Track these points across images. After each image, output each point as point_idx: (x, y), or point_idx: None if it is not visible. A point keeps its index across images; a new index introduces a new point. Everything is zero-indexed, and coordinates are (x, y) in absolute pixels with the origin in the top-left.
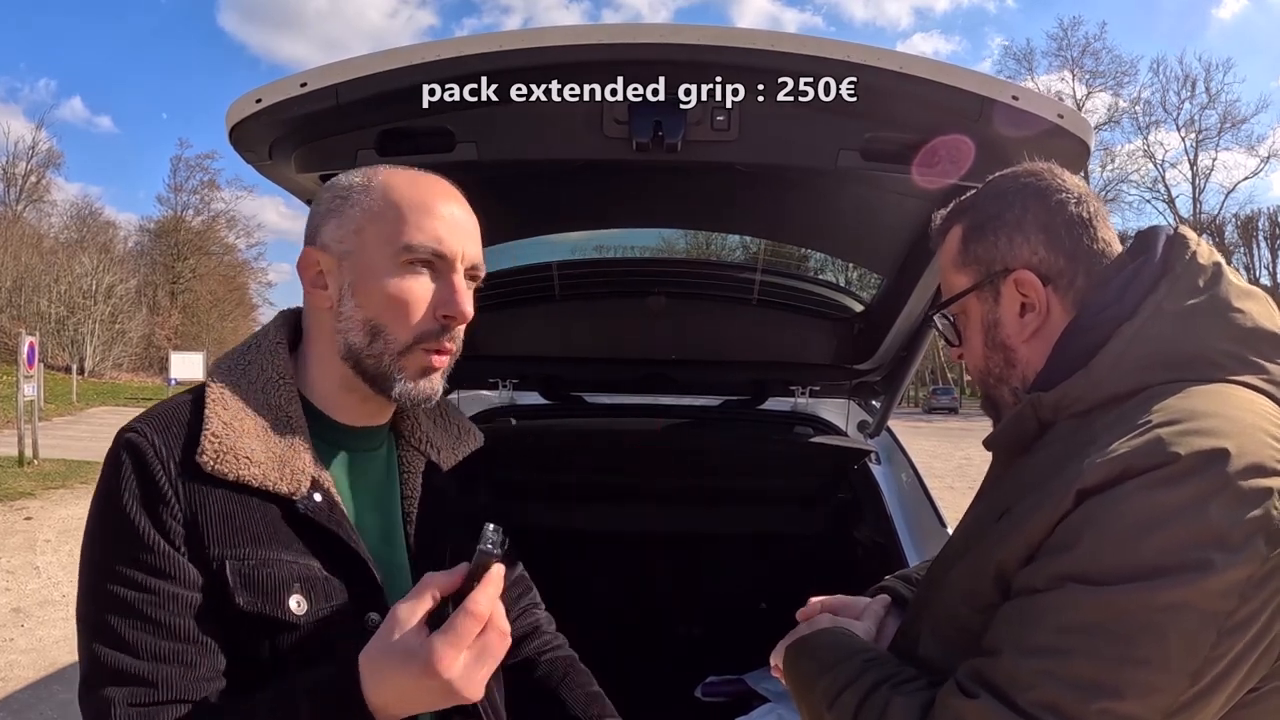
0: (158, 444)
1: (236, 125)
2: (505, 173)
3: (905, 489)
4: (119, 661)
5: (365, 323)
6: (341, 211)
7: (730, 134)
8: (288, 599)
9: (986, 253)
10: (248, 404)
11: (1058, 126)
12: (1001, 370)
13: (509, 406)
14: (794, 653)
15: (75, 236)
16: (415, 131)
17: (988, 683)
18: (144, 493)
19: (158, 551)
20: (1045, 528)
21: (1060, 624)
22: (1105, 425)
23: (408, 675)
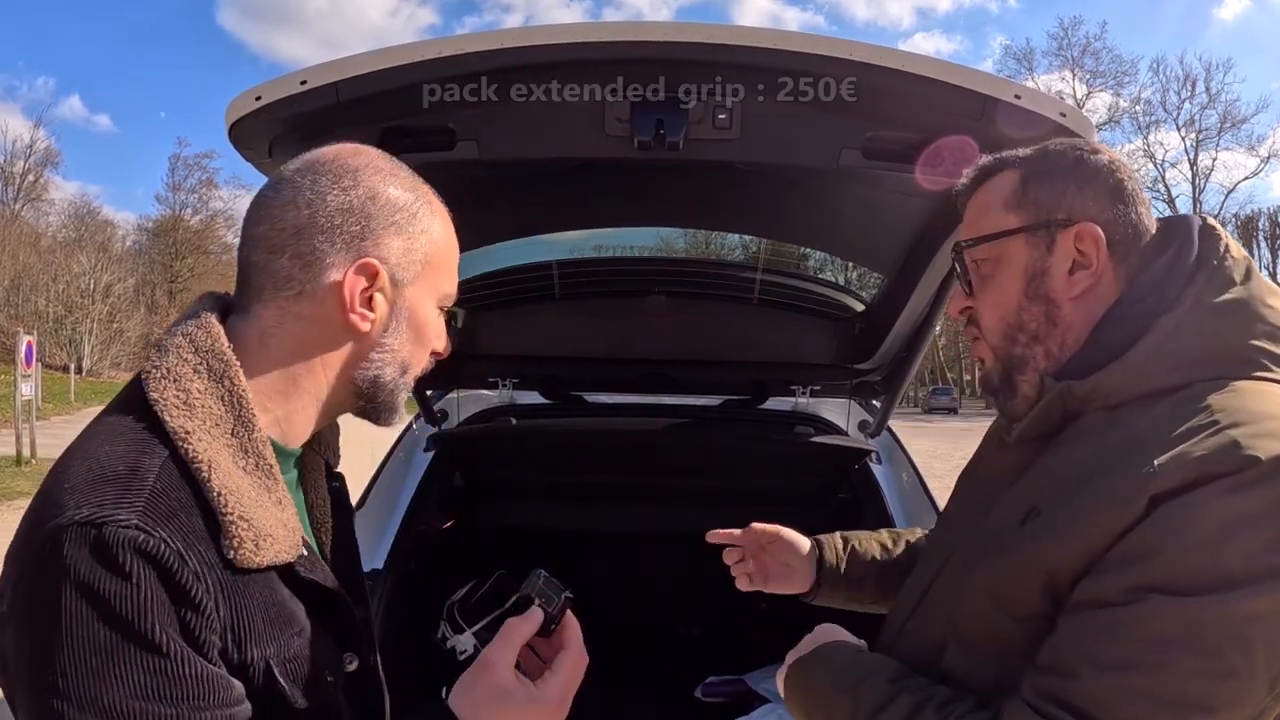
0: (177, 546)
1: (236, 123)
2: (506, 171)
3: (906, 489)
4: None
5: (403, 361)
6: (410, 231)
7: (732, 133)
8: (327, 679)
9: (1051, 198)
10: (232, 461)
11: (1060, 125)
12: (1039, 327)
13: (509, 406)
14: (801, 669)
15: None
16: (416, 129)
17: (1066, 704)
18: (178, 610)
19: (200, 677)
20: (1108, 535)
21: (1143, 638)
22: (1153, 422)
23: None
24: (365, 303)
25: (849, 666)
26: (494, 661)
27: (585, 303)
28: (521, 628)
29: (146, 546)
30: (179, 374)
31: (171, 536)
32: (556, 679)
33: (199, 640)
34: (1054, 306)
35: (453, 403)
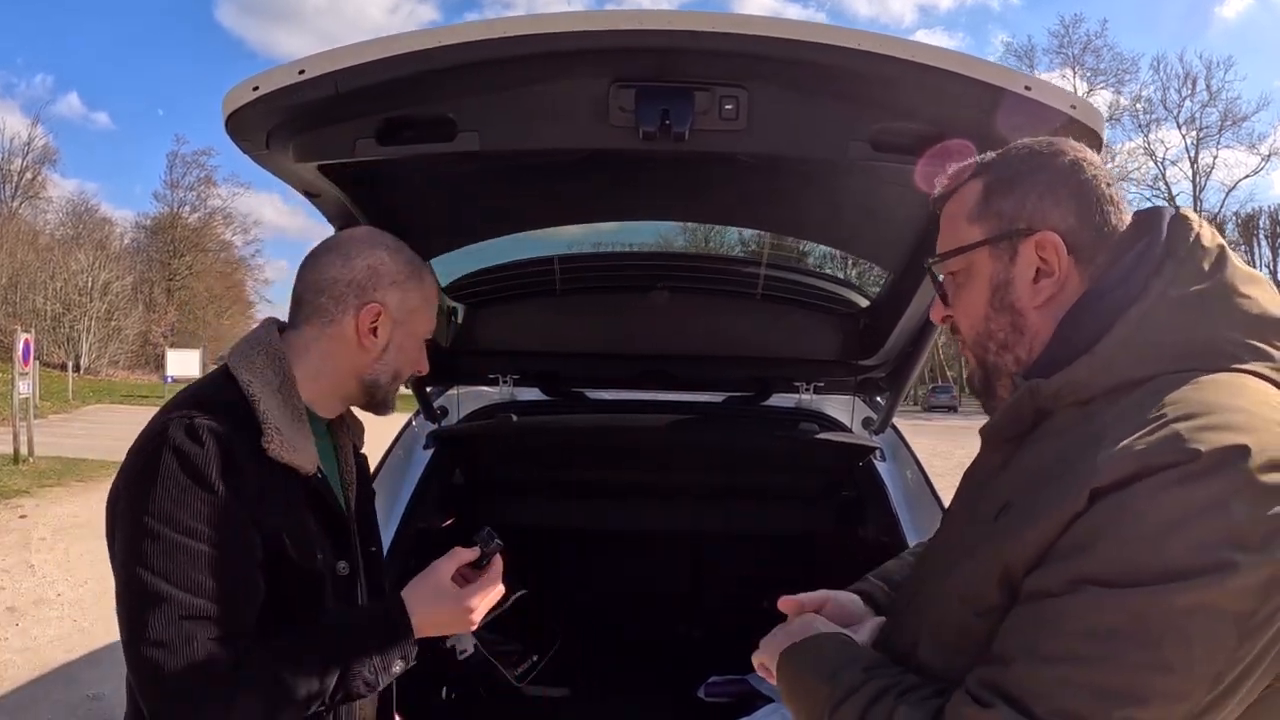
0: (233, 435)
1: (233, 113)
2: (508, 163)
3: (910, 486)
4: (193, 603)
5: (394, 370)
6: (406, 290)
7: (738, 124)
8: (316, 553)
9: (1012, 208)
10: (281, 407)
11: (1070, 118)
12: (1006, 335)
13: (509, 403)
14: (790, 657)
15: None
16: (416, 120)
17: (1003, 692)
18: (227, 468)
19: (232, 514)
20: (1057, 527)
21: (1078, 629)
22: (1113, 417)
23: (448, 612)
24: (371, 332)
25: (832, 655)
26: (436, 569)
27: (587, 298)
28: (462, 553)
29: (216, 430)
30: (250, 356)
31: (231, 429)
32: (471, 589)
33: (237, 490)
34: (1019, 315)
35: (453, 399)
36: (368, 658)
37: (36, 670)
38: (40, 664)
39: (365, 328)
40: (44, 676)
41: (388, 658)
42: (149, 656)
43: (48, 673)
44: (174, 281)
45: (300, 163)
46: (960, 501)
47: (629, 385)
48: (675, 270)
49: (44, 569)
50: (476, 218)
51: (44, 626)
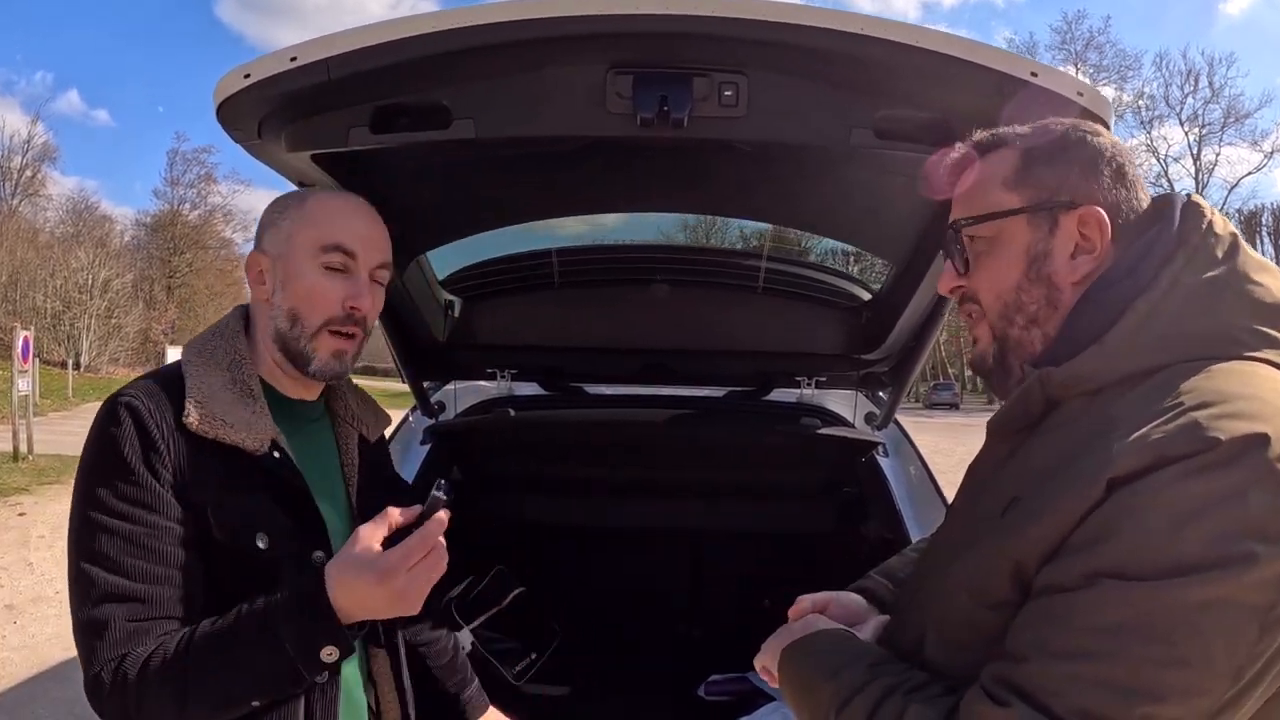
0: (149, 406)
1: (225, 101)
2: (506, 154)
3: (914, 483)
4: (115, 584)
5: (289, 311)
6: (278, 224)
7: (738, 110)
8: (255, 536)
9: (1055, 179)
10: (220, 380)
11: (1078, 105)
12: (1038, 309)
13: (507, 397)
14: (792, 655)
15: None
16: (410, 108)
17: (1019, 689)
18: (142, 443)
19: (151, 490)
20: (1071, 520)
21: (1094, 624)
22: (1126, 407)
23: (364, 583)
24: (262, 281)
25: (836, 653)
26: (357, 534)
27: (585, 291)
28: (394, 513)
29: (130, 403)
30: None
31: (149, 401)
32: (393, 551)
33: (154, 467)
34: (1055, 290)
35: (450, 394)
36: (286, 643)
37: (34, 668)
38: (38, 662)
39: (254, 280)
40: (42, 674)
41: (309, 643)
42: (78, 640)
43: (45, 670)
44: (174, 279)
45: (293, 152)
46: (965, 496)
47: (628, 380)
48: (675, 263)
49: (43, 567)
50: (474, 209)
51: (42, 624)
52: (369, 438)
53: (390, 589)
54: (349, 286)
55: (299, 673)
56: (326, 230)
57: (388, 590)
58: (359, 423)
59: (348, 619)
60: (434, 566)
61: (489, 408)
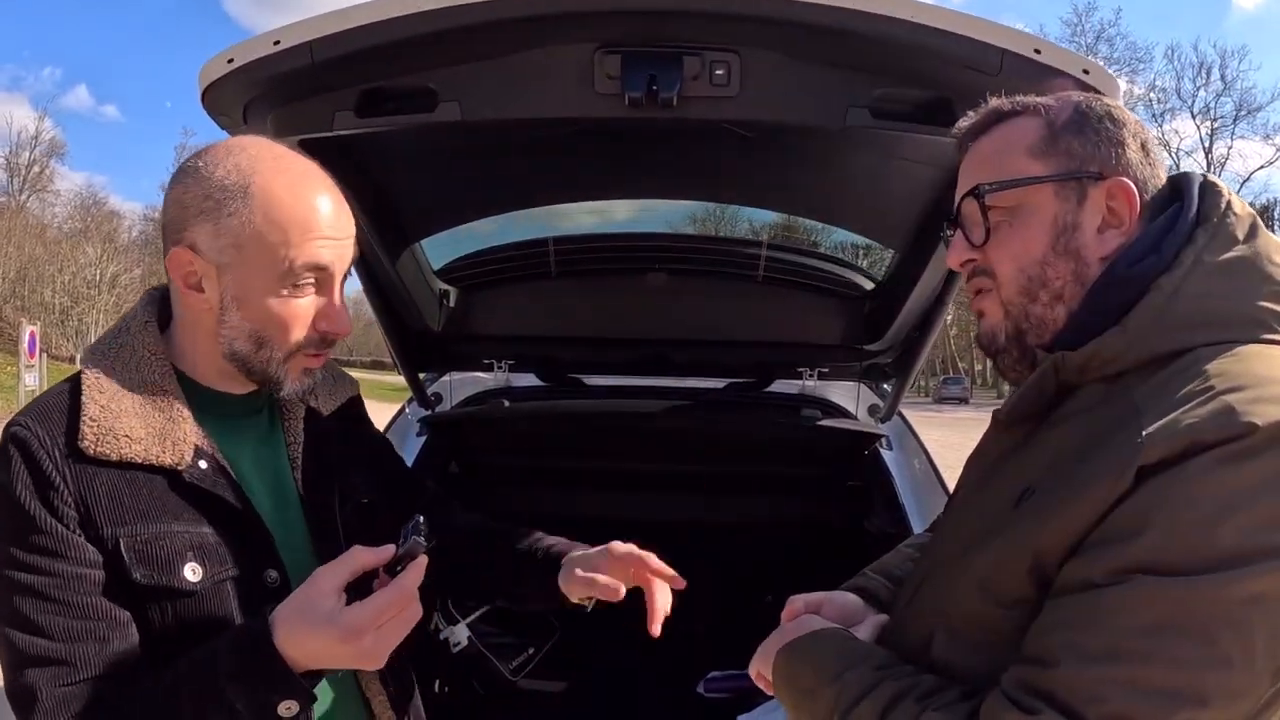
0: (40, 434)
1: (209, 87)
2: (492, 136)
3: (919, 476)
4: (35, 646)
5: (251, 334)
6: (216, 218)
7: (730, 89)
8: (182, 568)
9: (1084, 149)
10: (123, 384)
11: (1082, 83)
12: (1064, 285)
13: (504, 388)
14: (788, 657)
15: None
16: (396, 91)
17: (1047, 695)
18: (34, 481)
19: (55, 535)
20: (1097, 512)
21: (1129, 624)
22: (1150, 391)
23: (322, 638)
24: (194, 287)
25: (836, 655)
26: (315, 577)
27: (583, 281)
28: (362, 555)
29: (17, 435)
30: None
31: (38, 428)
32: (362, 608)
33: (54, 508)
34: (1084, 265)
35: (446, 385)
36: (228, 699)
37: None
38: None
39: (184, 284)
40: None
41: (255, 697)
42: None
43: None
44: None
45: (280, 138)
46: (969, 487)
47: (627, 370)
48: (674, 252)
49: None
50: (467, 197)
51: None
52: (320, 409)
53: (355, 648)
54: (322, 305)
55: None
56: (293, 246)
57: (351, 649)
58: (307, 395)
59: (303, 669)
60: (407, 622)
61: (486, 399)
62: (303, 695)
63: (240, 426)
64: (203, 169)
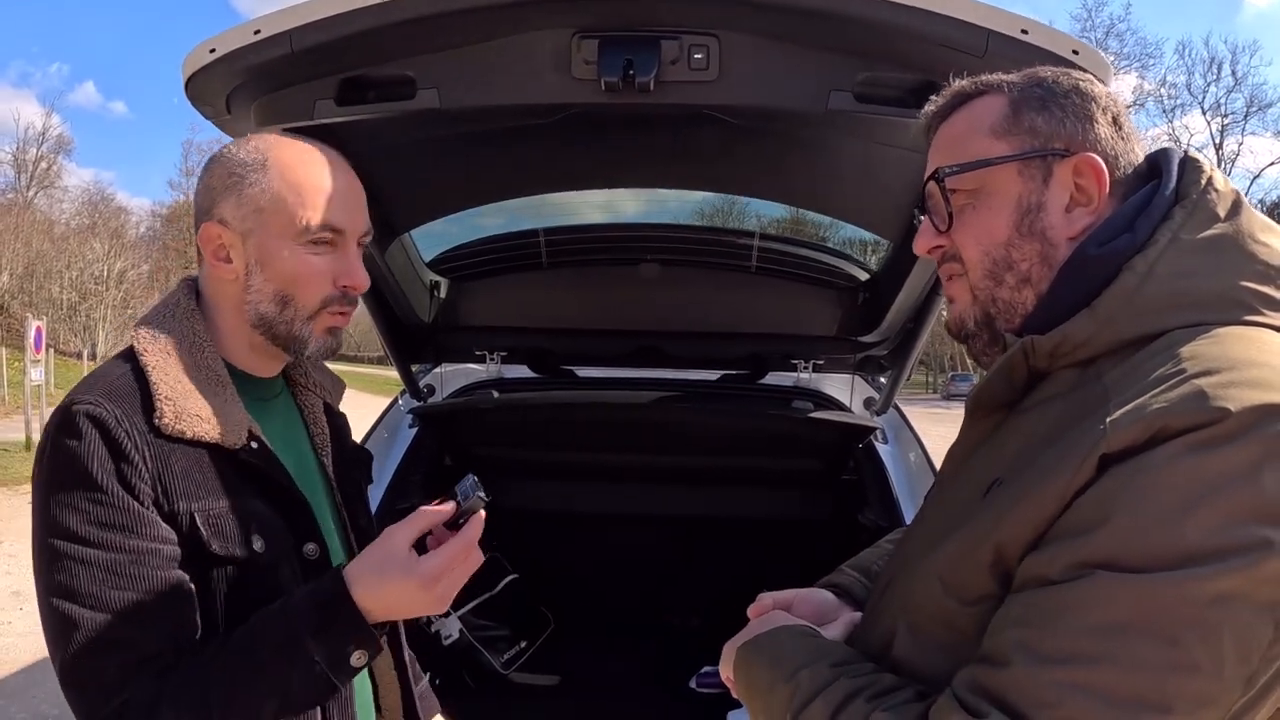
0: (115, 411)
1: (192, 77)
2: (481, 128)
3: (914, 470)
4: (102, 623)
5: (275, 294)
6: (239, 190)
7: (709, 73)
8: (251, 539)
9: (1048, 125)
10: (184, 367)
11: (1072, 64)
12: (1030, 267)
13: (496, 380)
14: (746, 655)
15: (87, 222)
16: (375, 80)
17: (997, 698)
18: (111, 457)
19: (130, 511)
20: (1058, 502)
21: (1087, 624)
22: (1121, 375)
23: (402, 586)
24: (224, 259)
25: (794, 652)
26: (390, 534)
27: (574, 272)
28: (429, 514)
29: (91, 412)
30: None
31: (112, 406)
32: (435, 558)
33: (130, 484)
34: (1050, 246)
35: (438, 377)
36: (308, 652)
37: (39, 654)
38: (43, 648)
39: (213, 257)
40: (45, 661)
41: (334, 648)
42: (69, 695)
43: (47, 658)
44: (190, 269)
45: (263, 127)
46: (943, 480)
47: (619, 362)
48: (666, 243)
49: None
50: (454, 187)
51: None
52: (333, 404)
53: (432, 594)
54: (339, 263)
55: (331, 684)
56: (309, 209)
57: (430, 595)
58: (321, 389)
59: (374, 621)
60: (470, 569)
61: (477, 390)
62: (374, 645)
63: (267, 409)
64: (227, 154)
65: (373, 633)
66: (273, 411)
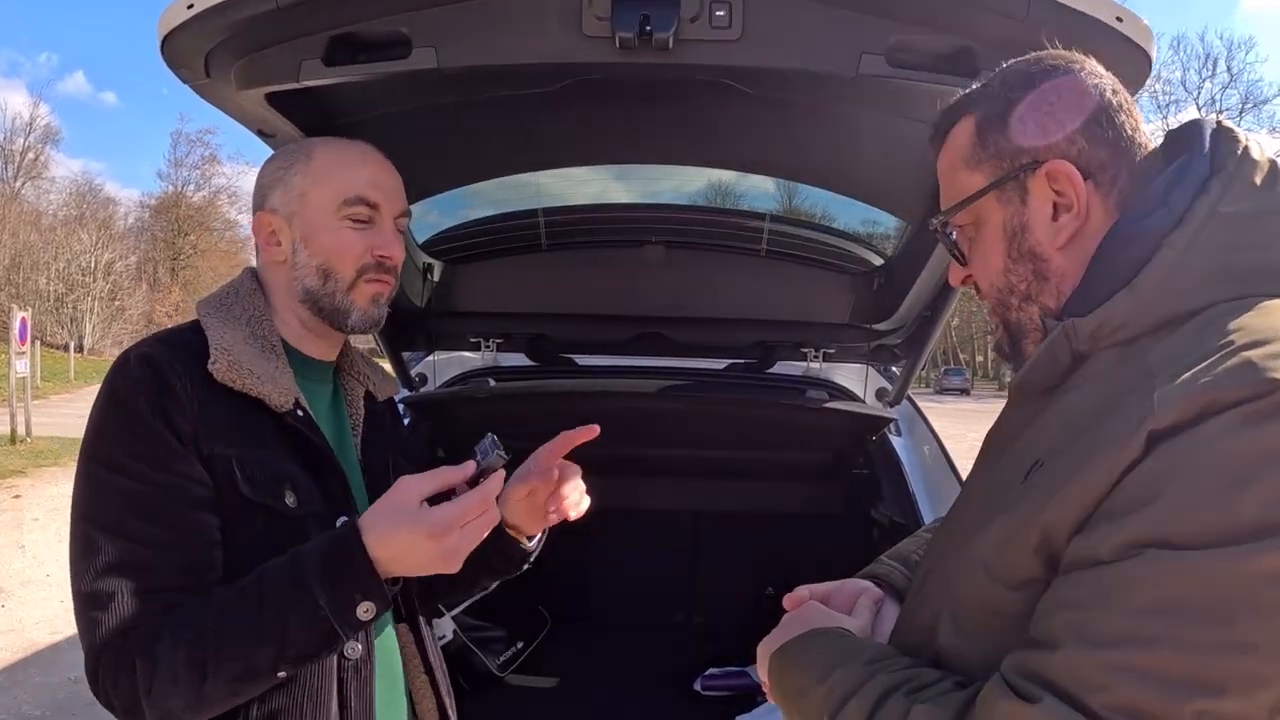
0: (169, 355)
1: (168, 36)
2: (476, 94)
3: (929, 463)
4: (123, 550)
5: (318, 268)
6: (287, 180)
7: (732, 32)
8: (283, 492)
9: (1010, 143)
10: (239, 334)
11: (1115, 31)
12: (1029, 286)
13: (492, 368)
14: (781, 660)
15: (74, 213)
16: (367, 38)
17: (1048, 682)
18: (158, 391)
19: (166, 445)
20: (1106, 481)
21: (1138, 603)
22: (1165, 351)
23: (411, 534)
24: (274, 243)
25: (827, 654)
26: (404, 483)
27: (575, 254)
28: (447, 472)
29: (146, 354)
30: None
31: (167, 352)
32: (448, 507)
33: (171, 421)
34: (1041, 261)
35: (431, 365)
36: (313, 595)
37: (20, 652)
38: (24, 646)
39: (266, 242)
40: (26, 659)
41: (341, 597)
42: (79, 610)
43: (30, 655)
44: (178, 261)
45: (244, 90)
46: (982, 465)
47: (622, 350)
48: (672, 224)
49: (35, 549)
50: (449, 160)
51: (30, 608)
52: (377, 395)
53: (441, 545)
54: (375, 236)
55: (334, 632)
56: (345, 184)
57: (439, 546)
58: (366, 379)
59: (384, 574)
60: (486, 526)
61: (471, 379)
62: (381, 598)
63: (314, 390)
64: (275, 155)
65: (381, 583)
66: (321, 394)
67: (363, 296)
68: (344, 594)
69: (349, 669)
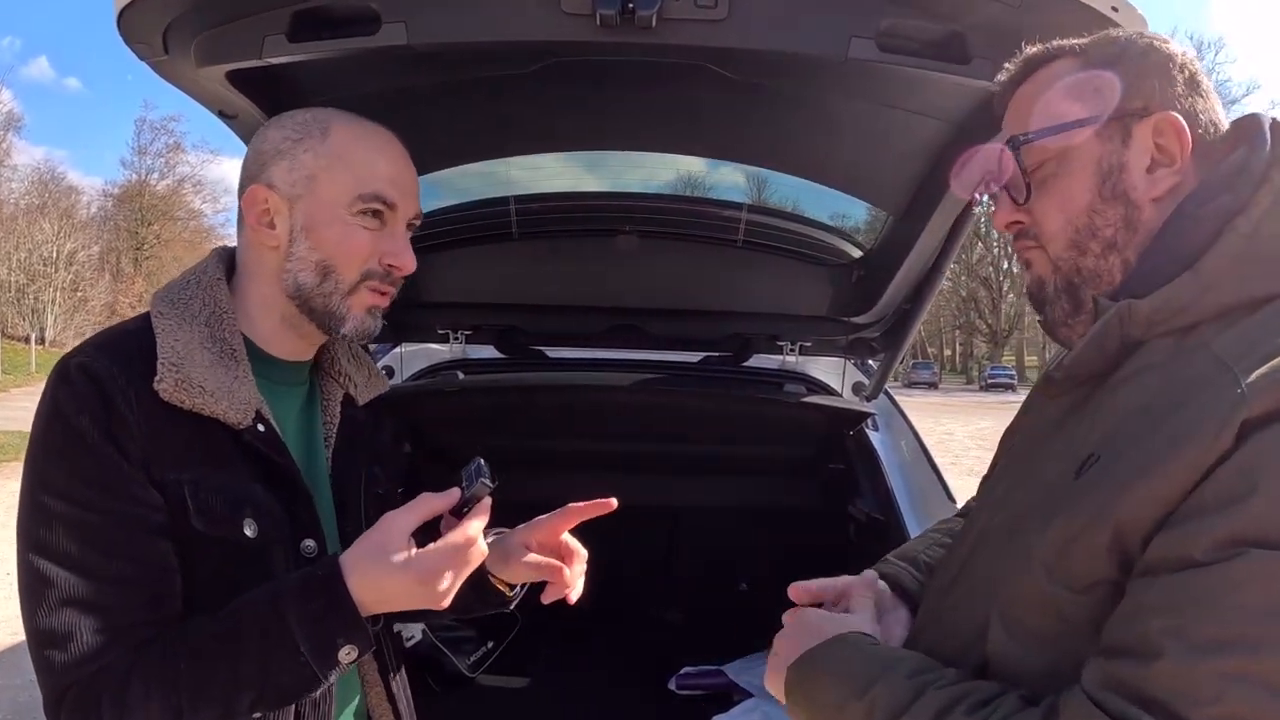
0: (114, 370)
1: (125, 9)
2: (447, 75)
3: (907, 458)
4: (78, 585)
5: (318, 264)
6: (294, 155)
7: (718, 11)
8: (242, 522)
9: (1125, 85)
10: (197, 337)
11: (1110, 21)
12: (1115, 233)
13: (460, 361)
14: (803, 671)
15: (36, 202)
16: (333, 13)
17: (1146, 697)
18: (105, 416)
19: (117, 469)
20: (1192, 476)
21: (1244, 607)
22: (1236, 339)
23: (400, 580)
24: (267, 224)
25: (861, 664)
26: (387, 521)
27: (547, 244)
28: (431, 501)
29: (88, 367)
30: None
31: (111, 365)
32: (436, 551)
33: (120, 443)
34: (1135, 208)
35: (398, 358)
36: (293, 639)
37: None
38: None
39: (257, 221)
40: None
41: (322, 638)
42: (35, 648)
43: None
44: (142, 250)
45: (204, 67)
46: (1016, 460)
47: (594, 342)
48: (647, 213)
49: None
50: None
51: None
52: (357, 398)
53: (431, 589)
54: (386, 241)
55: (314, 675)
56: (364, 176)
57: (428, 590)
58: (347, 380)
59: (367, 614)
60: (473, 562)
61: (440, 372)
62: (364, 640)
63: (285, 394)
64: (283, 118)
65: (365, 625)
66: (291, 399)
67: (360, 305)
68: (326, 639)
69: (306, 703)
